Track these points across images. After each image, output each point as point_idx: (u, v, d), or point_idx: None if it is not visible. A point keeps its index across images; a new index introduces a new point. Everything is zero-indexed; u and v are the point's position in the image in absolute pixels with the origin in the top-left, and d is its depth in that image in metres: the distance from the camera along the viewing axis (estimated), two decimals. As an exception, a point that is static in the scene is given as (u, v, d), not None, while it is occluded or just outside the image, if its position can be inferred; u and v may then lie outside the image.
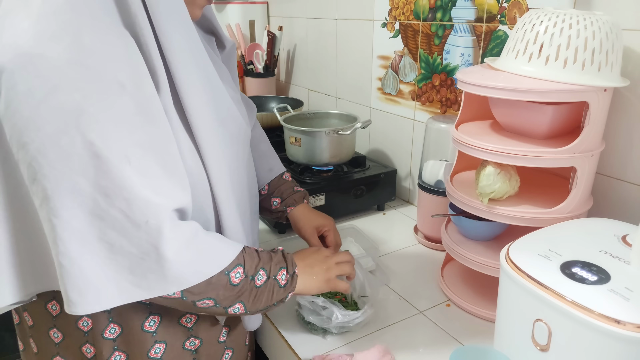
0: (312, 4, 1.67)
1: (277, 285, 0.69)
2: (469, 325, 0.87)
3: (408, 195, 1.39)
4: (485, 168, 0.83)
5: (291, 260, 0.73)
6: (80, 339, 0.70)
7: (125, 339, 0.71)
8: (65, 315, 0.69)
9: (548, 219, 0.79)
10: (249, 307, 0.68)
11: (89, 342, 0.70)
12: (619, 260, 0.60)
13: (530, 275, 0.60)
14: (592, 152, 0.77)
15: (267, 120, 1.52)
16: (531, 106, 0.79)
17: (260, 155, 0.96)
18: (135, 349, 0.71)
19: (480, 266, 0.86)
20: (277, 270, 0.70)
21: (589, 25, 0.72)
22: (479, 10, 1.07)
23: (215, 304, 0.65)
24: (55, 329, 0.71)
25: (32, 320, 0.73)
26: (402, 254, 1.11)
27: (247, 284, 0.66)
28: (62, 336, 0.71)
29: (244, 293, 0.66)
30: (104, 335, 0.70)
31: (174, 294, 0.61)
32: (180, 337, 0.74)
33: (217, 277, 0.63)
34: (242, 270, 0.66)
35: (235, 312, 0.67)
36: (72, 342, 0.71)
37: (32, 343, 0.75)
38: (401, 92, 1.34)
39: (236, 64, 0.88)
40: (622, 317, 0.52)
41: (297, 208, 0.95)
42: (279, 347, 0.86)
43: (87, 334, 0.70)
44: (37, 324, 0.73)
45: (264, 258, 0.70)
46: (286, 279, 0.71)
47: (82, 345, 0.70)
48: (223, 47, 0.83)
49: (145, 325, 0.71)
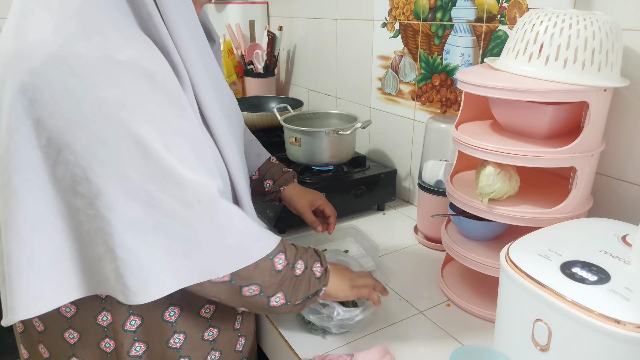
0: (312, 4, 1.67)
1: (314, 276, 0.72)
2: (469, 325, 0.87)
3: (408, 195, 1.39)
4: (485, 168, 0.83)
5: (323, 256, 0.76)
6: (99, 334, 0.71)
7: (146, 329, 0.72)
8: (82, 314, 0.70)
9: (548, 219, 0.79)
10: (288, 297, 0.70)
11: (108, 336, 0.71)
12: (619, 260, 0.60)
13: (530, 275, 0.60)
14: (592, 152, 0.77)
15: (267, 120, 1.52)
16: (531, 106, 0.79)
17: (247, 142, 0.98)
18: (156, 339, 0.72)
19: (480, 266, 0.86)
20: (312, 262, 0.73)
21: (589, 25, 0.72)
22: (479, 10, 1.07)
23: (260, 292, 0.67)
24: (71, 329, 0.71)
25: (44, 325, 0.73)
26: (402, 254, 1.11)
27: (288, 272, 0.69)
28: (78, 335, 0.71)
29: (285, 281, 0.69)
30: (124, 328, 0.70)
31: (223, 278, 0.63)
32: (200, 328, 0.76)
33: (264, 261, 0.66)
34: (284, 257, 0.69)
35: (277, 302, 0.69)
36: (90, 339, 0.71)
37: (42, 348, 0.75)
38: (401, 92, 1.34)
39: (222, 57, 0.90)
40: (622, 317, 0.52)
41: (289, 187, 1.00)
42: (279, 347, 0.86)
43: (106, 329, 0.70)
44: (50, 328, 0.72)
45: (300, 249, 0.73)
46: (321, 271, 0.74)
47: (101, 341, 0.71)
48: (213, 40, 0.84)
49: (165, 316, 0.72)
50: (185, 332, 0.74)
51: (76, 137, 0.55)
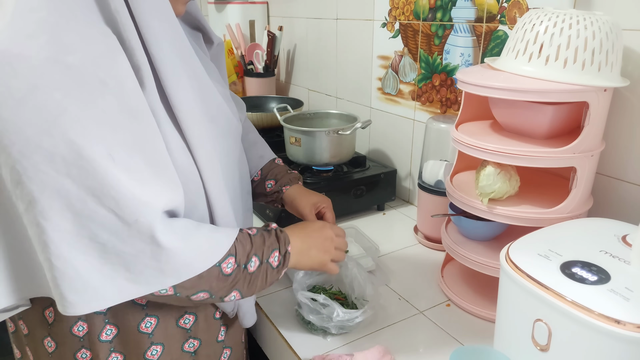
0: (312, 4, 1.67)
1: (270, 268, 0.70)
2: (469, 325, 0.87)
3: (408, 195, 1.39)
4: (485, 168, 0.83)
5: (284, 239, 0.72)
6: (75, 345, 0.69)
7: (122, 339, 0.70)
8: (59, 322, 0.68)
9: (548, 219, 0.79)
10: (244, 293, 0.68)
11: (84, 346, 0.69)
12: (619, 260, 0.60)
13: (530, 275, 0.60)
14: (592, 152, 0.77)
15: (267, 120, 1.52)
16: (531, 106, 0.79)
17: (249, 144, 0.96)
18: (132, 350, 0.71)
19: (480, 266, 0.86)
20: (269, 253, 0.70)
21: (589, 25, 0.72)
22: (479, 10, 1.07)
23: (210, 296, 0.65)
24: (50, 337, 0.70)
25: (28, 329, 0.72)
26: (402, 254, 1.11)
27: (239, 273, 0.66)
28: (55, 345, 0.70)
29: (238, 282, 0.66)
30: (100, 338, 0.69)
31: (167, 291, 0.61)
32: (179, 339, 0.74)
33: (208, 271, 0.63)
34: (234, 260, 0.65)
35: (232, 299, 0.67)
36: (65, 350, 0.70)
37: (29, 351, 0.74)
38: (401, 92, 1.34)
39: (224, 60, 0.88)
40: (622, 317, 0.52)
41: (293, 187, 0.95)
42: (279, 347, 0.86)
43: (82, 339, 0.69)
44: (32, 332, 0.72)
45: (256, 243, 0.69)
46: (279, 259, 0.71)
47: (77, 352, 0.70)
48: (211, 42, 0.82)
49: (141, 326, 0.70)
50: (163, 344, 0.72)
51: (12, 141, 0.52)
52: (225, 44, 1.85)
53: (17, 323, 0.75)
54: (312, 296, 0.83)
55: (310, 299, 0.83)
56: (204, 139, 0.65)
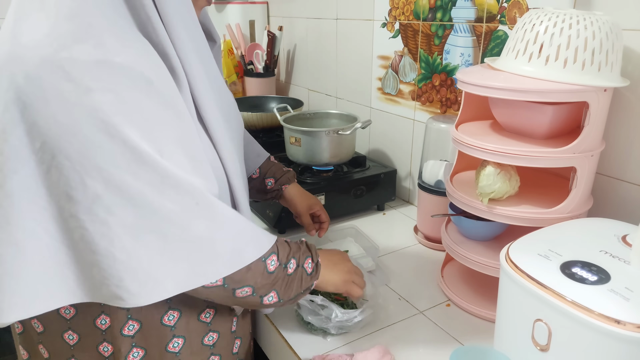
0: (312, 4, 1.67)
1: (305, 273, 0.73)
2: (469, 325, 0.87)
3: (408, 195, 1.39)
4: (485, 168, 0.83)
5: (315, 250, 0.77)
6: (98, 337, 0.70)
7: (144, 334, 0.71)
8: (81, 316, 0.69)
9: (548, 219, 0.79)
10: (281, 296, 0.71)
11: (106, 340, 0.70)
12: (619, 260, 0.60)
13: (530, 275, 0.60)
14: (592, 152, 0.77)
15: (267, 120, 1.52)
16: (531, 106, 0.79)
17: (246, 142, 0.99)
18: (154, 344, 0.72)
19: (480, 266, 0.86)
20: (304, 259, 0.74)
21: (589, 25, 0.72)
22: (479, 10, 1.07)
23: (252, 292, 0.67)
24: (70, 330, 0.71)
25: (43, 326, 0.73)
26: (402, 254, 1.11)
27: (280, 272, 0.69)
28: (77, 337, 0.71)
29: (278, 281, 0.69)
30: (122, 333, 0.70)
31: (217, 282, 0.64)
32: (199, 333, 0.75)
33: (256, 264, 0.66)
34: (277, 258, 0.69)
35: (270, 301, 0.70)
36: (89, 341, 0.71)
37: (42, 349, 0.74)
38: (401, 92, 1.34)
39: (222, 57, 0.92)
40: (622, 317, 0.52)
41: (291, 186, 1.03)
42: (279, 347, 0.86)
43: (104, 332, 0.70)
44: (49, 329, 0.72)
45: (293, 247, 0.74)
46: (312, 267, 0.75)
47: (100, 345, 0.71)
48: (214, 41, 0.84)
49: (164, 319, 0.72)
50: (185, 337, 0.74)
51: (71, 143, 0.54)
52: (225, 44, 1.85)
53: (29, 322, 0.74)
54: (310, 297, 0.83)
55: (308, 300, 0.83)
56: (225, 138, 0.68)
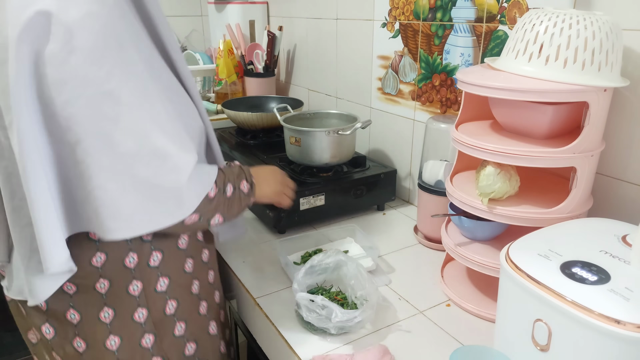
0: (312, 4, 1.67)
1: (242, 194, 0.85)
2: (469, 325, 0.87)
3: (408, 195, 1.39)
4: (485, 168, 0.83)
5: (248, 171, 0.88)
6: (127, 277, 0.80)
7: (165, 263, 0.84)
8: (110, 263, 0.78)
9: (548, 219, 0.79)
10: (226, 217, 0.83)
11: (135, 278, 0.80)
12: (619, 260, 0.60)
13: (530, 275, 0.60)
14: (592, 152, 0.77)
15: (267, 120, 1.52)
16: (531, 106, 0.79)
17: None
18: (174, 271, 0.85)
19: (480, 266, 0.86)
20: (239, 182, 0.85)
21: (589, 25, 0.72)
22: (479, 10, 1.07)
23: (199, 219, 0.77)
24: (106, 307, 0.79)
25: (79, 315, 0.79)
26: (402, 254, 1.11)
27: (220, 197, 0.80)
28: (108, 283, 0.79)
29: (220, 205, 0.80)
30: (149, 264, 0.82)
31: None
32: (181, 263, 0.86)
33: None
34: (215, 186, 0.79)
35: (216, 222, 0.82)
36: (119, 284, 0.79)
37: (79, 341, 0.80)
38: (401, 92, 1.34)
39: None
40: (622, 317, 0.52)
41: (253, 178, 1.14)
42: (279, 347, 0.86)
43: (133, 271, 0.80)
44: (83, 287, 0.78)
45: (227, 173, 0.84)
46: (247, 187, 0.86)
47: (129, 285, 0.80)
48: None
49: (150, 262, 0.82)
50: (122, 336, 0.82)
51: (59, 92, 0.63)
52: (225, 44, 1.85)
53: (62, 316, 0.80)
54: (310, 297, 0.83)
55: (308, 300, 0.83)
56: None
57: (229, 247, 1.13)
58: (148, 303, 0.81)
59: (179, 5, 2.19)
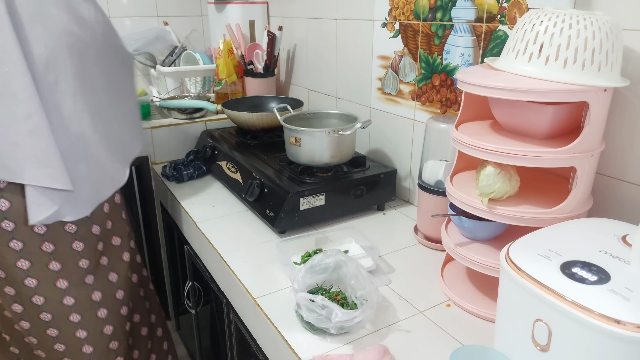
0: (312, 4, 1.67)
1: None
2: (469, 325, 0.87)
3: (408, 195, 1.39)
4: (485, 168, 0.83)
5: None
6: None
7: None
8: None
9: (548, 219, 0.79)
10: None
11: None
12: (619, 260, 0.60)
13: (530, 275, 0.60)
14: (592, 152, 0.77)
15: (267, 120, 1.52)
16: (531, 106, 0.79)
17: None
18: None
19: (480, 266, 0.86)
20: None
21: (589, 25, 0.72)
22: (479, 10, 1.07)
23: None
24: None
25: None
26: (402, 254, 1.12)
27: None
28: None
29: None
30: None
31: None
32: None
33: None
34: None
35: None
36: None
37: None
38: (401, 92, 1.34)
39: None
40: (622, 317, 0.52)
41: None
42: (279, 347, 0.86)
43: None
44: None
45: None
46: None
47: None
48: None
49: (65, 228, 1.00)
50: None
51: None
52: (225, 44, 1.85)
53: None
54: (310, 297, 0.83)
55: (308, 300, 0.83)
56: None
57: (229, 247, 1.13)
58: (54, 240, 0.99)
59: (179, 5, 2.19)
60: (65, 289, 1.02)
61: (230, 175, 1.43)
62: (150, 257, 1.86)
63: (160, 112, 1.85)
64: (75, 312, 1.04)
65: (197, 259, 1.34)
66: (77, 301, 1.03)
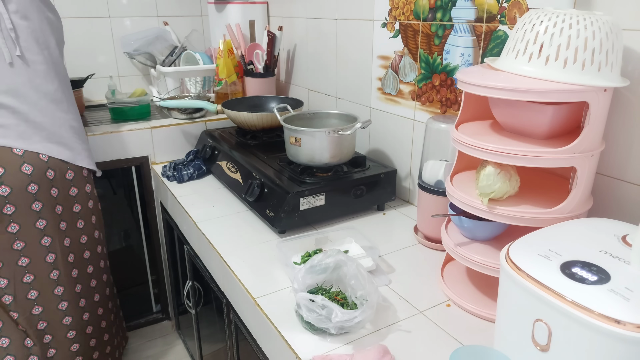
0: (312, 4, 1.67)
1: None
2: (469, 325, 0.87)
3: (408, 195, 1.39)
4: (485, 168, 0.83)
5: None
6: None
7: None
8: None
9: (548, 219, 0.79)
10: None
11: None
12: (619, 260, 0.60)
13: (530, 275, 0.60)
14: (592, 152, 0.77)
15: (267, 120, 1.52)
16: (531, 106, 0.79)
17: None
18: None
19: (480, 266, 0.86)
20: None
21: (589, 25, 0.72)
22: (479, 10, 1.07)
23: None
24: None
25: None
26: (402, 254, 1.12)
27: None
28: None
29: None
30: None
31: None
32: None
33: None
34: None
35: None
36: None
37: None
38: (401, 92, 1.34)
39: None
40: (622, 317, 0.52)
41: None
42: (279, 347, 0.86)
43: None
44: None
45: None
46: None
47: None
48: None
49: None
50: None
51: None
52: (225, 44, 1.85)
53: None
54: (310, 297, 0.83)
55: (308, 300, 0.83)
56: None
57: (229, 247, 1.13)
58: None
59: (179, 5, 2.19)
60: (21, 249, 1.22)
61: (230, 175, 1.43)
62: (150, 257, 1.86)
63: (160, 112, 1.85)
64: (29, 273, 1.24)
65: (197, 259, 1.34)
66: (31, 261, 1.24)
